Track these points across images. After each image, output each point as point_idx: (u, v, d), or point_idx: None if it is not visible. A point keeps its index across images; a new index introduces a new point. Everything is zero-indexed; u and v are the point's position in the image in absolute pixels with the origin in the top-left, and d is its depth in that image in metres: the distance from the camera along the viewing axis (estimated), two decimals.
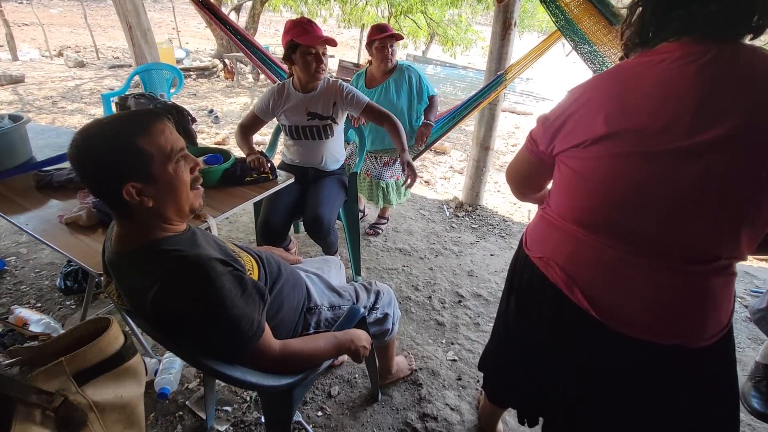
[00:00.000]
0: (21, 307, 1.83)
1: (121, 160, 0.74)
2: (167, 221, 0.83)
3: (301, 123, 1.78)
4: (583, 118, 0.70)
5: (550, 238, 0.85)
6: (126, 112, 0.78)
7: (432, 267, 2.30)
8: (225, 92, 6.95)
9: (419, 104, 2.24)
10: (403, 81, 2.16)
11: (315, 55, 1.62)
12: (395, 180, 2.34)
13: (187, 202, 0.85)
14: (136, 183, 0.75)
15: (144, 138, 0.76)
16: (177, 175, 0.80)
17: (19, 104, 5.52)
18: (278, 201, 1.77)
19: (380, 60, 2.11)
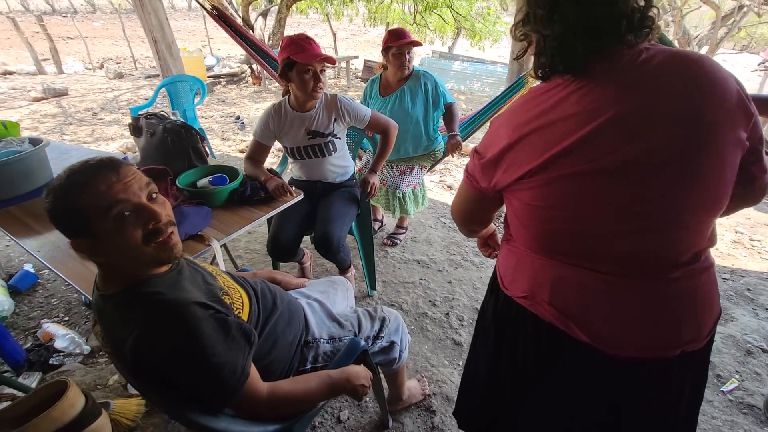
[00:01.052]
0: (49, 322, 1.90)
1: (63, 218, 0.73)
2: (141, 269, 0.79)
3: (302, 143, 1.73)
4: (520, 148, 0.68)
5: (524, 272, 0.78)
6: (79, 164, 0.74)
7: (451, 280, 2.20)
8: (252, 98, 7.09)
9: (435, 112, 2.15)
10: (419, 89, 2.08)
11: (313, 74, 1.57)
12: (412, 189, 2.26)
13: (148, 257, 0.77)
14: (79, 239, 0.73)
15: (80, 196, 0.71)
16: (120, 233, 0.73)
17: (62, 116, 5.86)
18: (288, 217, 1.74)
19: (397, 67, 2.03)
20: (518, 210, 0.75)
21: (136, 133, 1.66)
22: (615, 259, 0.68)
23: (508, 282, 0.82)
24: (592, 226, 0.67)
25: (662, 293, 0.68)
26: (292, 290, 1.28)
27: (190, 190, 1.44)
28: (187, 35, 15.74)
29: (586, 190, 0.65)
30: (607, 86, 0.62)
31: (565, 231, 0.70)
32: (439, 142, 2.25)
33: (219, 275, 0.96)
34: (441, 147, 2.25)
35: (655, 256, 0.66)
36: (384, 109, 2.13)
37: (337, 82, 8.40)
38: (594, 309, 0.70)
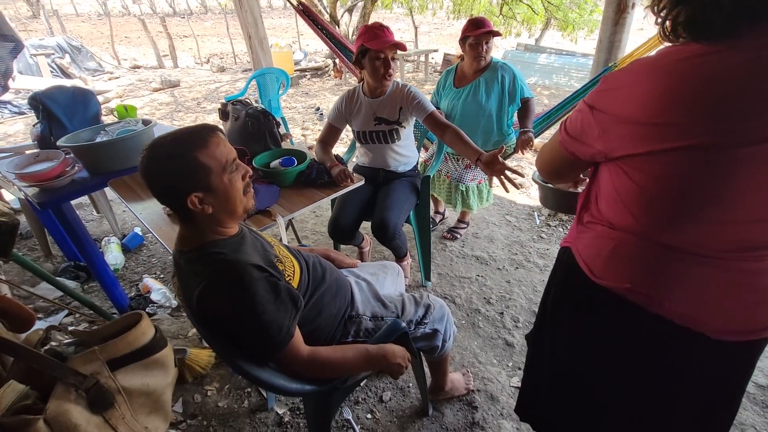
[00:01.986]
0: (149, 277, 2.24)
1: (184, 174, 0.83)
2: (222, 224, 0.92)
3: (368, 128, 1.80)
4: (683, 113, 0.57)
5: (627, 261, 0.72)
6: (185, 129, 0.87)
7: (510, 280, 2.12)
8: (333, 90, 7.42)
9: (511, 106, 2.06)
10: (495, 81, 2.01)
11: (383, 60, 1.62)
12: (477, 184, 2.21)
13: (241, 206, 0.93)
14: (198, 193, 0.84)
15: (202, 152, 0.84)
16: (231, 183, 0.88)
17: (173, 104, 6.72)
18: (349, 202, 1.82)
19: (473, 58, 1.98)
20: (631, 186, 0.66)
21: (223, 117, 1.86)
22: (738, 248, 0.64)
23: (600, 271, 0.75)
24: (742, 212, 0.60)
25: (754, 274, 0.66)
26: (344, 269, 1.35)
27: (264, 170, 1.58)
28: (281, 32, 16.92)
29: (733, 179, 0.57)
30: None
31: (703, 218, 0.62)
32: (511, 138, 2.16)
33: (276, 245, 1.05)
34: (512, 143, 2.16)
35: (760, 238, 0.63)
36: (456, 101, 2.10)
37: (415, 76, 8.41)
38: (714, 300, 0.68)
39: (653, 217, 0.66)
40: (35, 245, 2.57)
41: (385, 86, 1.71)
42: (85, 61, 9.35)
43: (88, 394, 0.59)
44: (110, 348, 0.67)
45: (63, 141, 1.73)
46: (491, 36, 1.92)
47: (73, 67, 8.55)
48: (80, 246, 1.78)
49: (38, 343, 0.69)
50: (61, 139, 1.74)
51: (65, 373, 0.59)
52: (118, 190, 1.66)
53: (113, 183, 1.70)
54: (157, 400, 0.72)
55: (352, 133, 1.89)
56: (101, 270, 1.88)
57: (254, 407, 1.51)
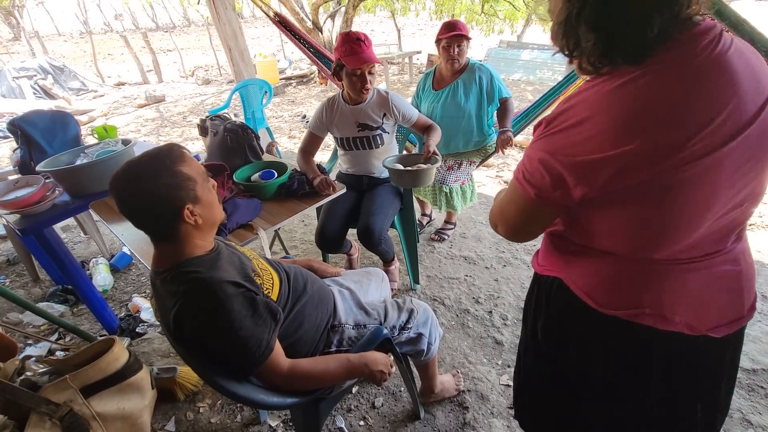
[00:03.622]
0: (138, 296, 2.23)
1: (176, 187, 0.86)
2: (202, 237, 0.93)
3: (351, 134, 1.81)
4: (644, 146, 0.56)
5: (634, 284, 0.70)
6: (154, 149, 0.88)
7: (498, 278, 2.14)
8: (319, 97, 7.43)
9: (490, 106, 2.09)
10: (473, 82, 2.03)
11: (360, 76, 1.64)
12: (460, 185, 2.23)
13: (219, 216, 0.98)
14: (190, 205, 0.87)
15: (183, 165, 0.88)
16: (212, 193, 0.94)
17: (159, 120, 6.70)
18: (334, 210, 1.84)
19: (445, 60, 2.02)
20: (623, 212, 0.64)
21: (203, 133, 1.87)
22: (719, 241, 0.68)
23: (606, 299, 0.72)
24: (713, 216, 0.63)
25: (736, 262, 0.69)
26: (327, 278, 1.36)
27: (244, 184, 1.59)
28: (265, 41, 16.94)
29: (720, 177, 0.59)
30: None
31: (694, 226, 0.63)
32: (492, 138, 2.19)
33: (255, 259, 1.06)
34: (493, 142, 2.19)
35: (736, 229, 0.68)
36: (436, 102, 2.12)
37: (401, 78, 8.45)
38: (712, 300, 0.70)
39: (650, 237, 0.65)
40: (23, 270, 2.56)
41: (363, 98, 1.74)
42: (68, 80, 9.30)
43: (63, 422, 0.60)
44: (82, 375, 0.68)
45: (42, 165, 1.73)
46: (463, 39, 1.94)
47: (56, 87, 8.50)
48: (65, 270, 1.78)
49: (14, 373, 0.70)
50: (41, 163, 1.74)
51: (38, 402, 0.60)
52: (99, 212, 1.66)
53: (94, 205, 1.70)
54: (134, 423, 0.73)
55: (335, 140, 1.90)
56: (88, 293, 1.87)
57: (247, 421, 1.51)
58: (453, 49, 1.96)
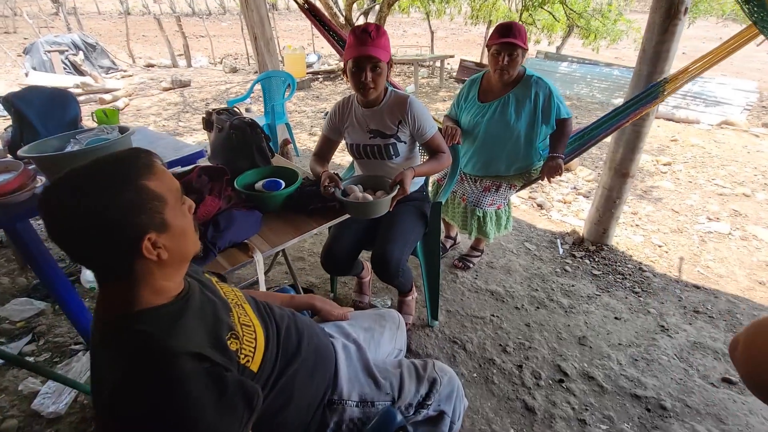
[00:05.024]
0: None
1: (136, 209, 0.61)
2: (167, 277, 0.69)
3: (362, 141, 1.55)
4: None
5: None
6: (109, 155, 0.63)
7: (530, 323, 1.84)
8: (344, 94, 7.17)
9: (544, 127, 1.77)
10: (527, 98, 1.72)
11: (357, 71, 1.37)
12: (495, 209, 1.94)
13: (194, 248, 0.74)
14: (152, 234, 0.63)
15: (152, 179, 0.64)
16: (186, 218, 0.70)
17: (182, 105, 6.59)
18: (346, 227, 1.57)
19: (493, 69, 1.72)
20: None
21: (208, 128, 1.64)
22: None
23: None
24: None
25: None
26: (331, 322, 1.10)
27: (247, 193, 1.34)
28: (297, 33, 16.87)
29: None
30: None
31: None
32: (537, 162, 1.89)
33: (237, 306, 0.81)
34: (538, 167, 1.89)
35: None
36: (480, 117, 1.81)
37: (430, 81, 8.16)
38: None
39: None
40: (13, 255, 2.39)
41: (368, 99, 1.46)
42: (99, 58, 9.35)
43: None
44: None
45: (25, 150, 1.52)
46: (515, 48, 1.63)
47: (86, 64, 8.53)
48: (38, 269, 1.57)
49: None
50: (24, 147, 1.53)
51: None
52: None
53: None
54: None
55: (347, 147, 1.64)
56: (65, 296, 1.66)
57: None
58: (503, 59, 1.66)
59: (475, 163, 1.90)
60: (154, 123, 5.60)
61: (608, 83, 7.32)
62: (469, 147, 1.89)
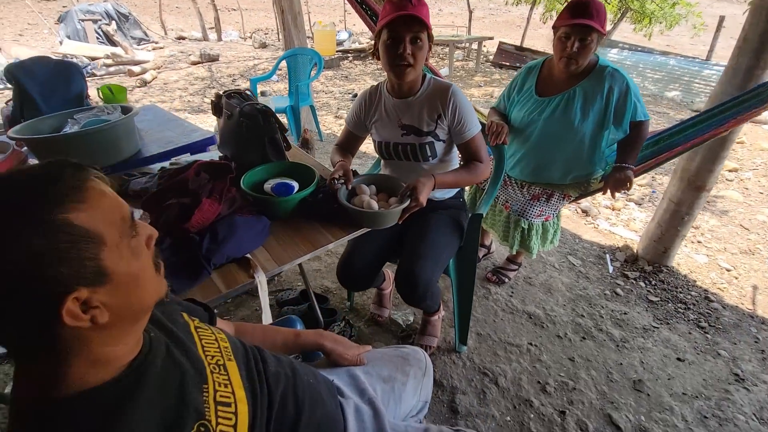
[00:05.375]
0: None
1: (53, 259, 0.40)
2: (114, 341, 0.49)
3: (392, 138, 1.31)
4: None
5: None
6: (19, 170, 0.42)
7: (574, 357, 1.58)
8: (374, 75, 6.89)
9: (615, 129, 1.46)
10: (599, 94, 1.40)
11: (395, 42, 1.11)
12: (543, 221, 1.67)
13: (154, 296, 0.53)
14: (81, 292, 0.42)
15: (78, 209, 0.42)
16: (138, 258, 0.49)
17: (208, 80, 6.46)
18: (368, 236, 1.35)
19: (558, 56, 1.41)
20: None
21: (216, 113, 1.43)
22: None
23: None
24: None
25: None
26: (343, 368, 0.89)
27: (253, 196, 1.13)
28: (329, 10, 16.44)
29: None
30: None
31: None
32: (599, 170, 1.59)
33: (217, 370, 0.60)
34: (599, 175, 1.59)
35: None
36: (537, 114, 1.51)
37: (465, 65, 7.71)
38: None
39: None
40: None
41: (405, 81, 1.19)
42: (132, 29, 9.33)
43: None
44: None
45: (16, 130, 1.36)
46: (591, 32, 1.31)
47: (118, 35, 8.51)
48: None
49: None
50: (15, 127, 1.37)
51: None
52: None
53: None
54: None
55: (374, 144, 1.40)
56: None
57: None
58: (572, 44, 1.34)
59: (525, 168, 1.62)
60: (179, 98, 5.49)
61: (662, 74, 6.67)
62: (519, 148, 1.60)
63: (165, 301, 0.60)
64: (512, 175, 1.70)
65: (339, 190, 1.15)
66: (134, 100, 5.35)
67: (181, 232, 1.01)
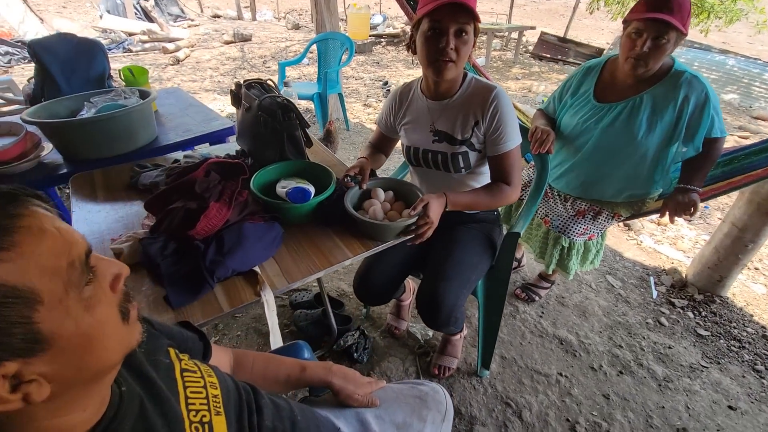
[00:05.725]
0: None
1: None
2: (65, 411, 0.40)
3: (422, 144, 1.17)
4: None
5: None
6: None
7: (609, 393, 1.43)
8: (407, 63, 6.66)
9: (684, 145, 1.25)
10: (671, 103, 1.19)
11: (437, 34, 0.96)
12: (586, 240, 1.50)
13: (119, 351, 0.42)
14: (8, 367, 0.32)
15: (11, 257, 0.33)
16: (92, 313, 0.38)
17: (239, 60, 6.41)
18: (390, 247, 1.23)
19: (624, 57, 1.20)
20: None
21: (235, 104, 1.33)
22: None
23: None
24: None
25: None
26: (351, 412, 0.78)
27: (264, 200, 1.02)
28: None
29: None
30: None
31: None
32: (658, 189, 1.39)
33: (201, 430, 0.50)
34: (657, 193, 1.40)
35: None
36: (593, 122, 1.32)
37: (502, 55, 7.35)
38: None
39: None
40: None
41: (444, 79, 1.04)
42: (168, 5, 9.39)
43: None
44: None
45: (30, 113, 1.30)
46: (669, 30, 1.10)
47: (155, 11, 8.57)
48: None
49: None
50: (28, 110, 1.32)
51: None
52: (80, 190, 1.21)
53: (78, 179, 1.25)
54: None
55: (402, 149, 1.27)
56: None
57: None
58: (643, 42, 1.13)
59: (572, 181, 1.44)
60: (210, 78, 5.47)
61: (719, 74, 6.16)
62: (567, 158, 1.42)
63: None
64: (556, 186, 1.52)
65: (349, 190, 1.05)
66: (166, 78, 5.37)
67: (185, 238, 0.92)
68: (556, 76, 5.97)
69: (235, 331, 1.64)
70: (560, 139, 1.41)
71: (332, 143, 2.41)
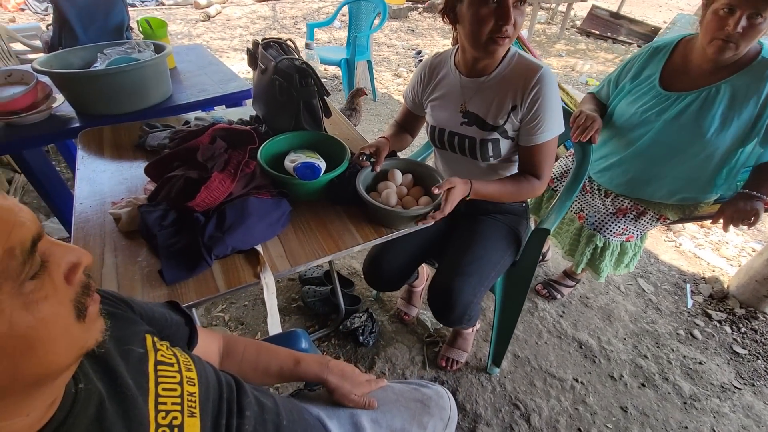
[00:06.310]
0: None
1: None
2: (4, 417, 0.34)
3: (449, 126, 1.04)
4: None
5: None
6: None
7: (628, 406, 1.33)
8: (443, 31, 6.31)
9: (762, 148, 1.06)
10: (754, 96, 0.99)
11: (498, 5, 0.82)
12: (623, 241, 1.36)
13: (72, 351, 0.36)
14: None
15: None
16: (42, 303, 0.32)
17: (270, 20, 6.23)
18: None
19: (707, 39, 0.99)
20: None
21: (252, 65, 1.23)
22: None
23: None
24: None
25: None
26: (345, 412, 0.72)
27: (270, 173, 0.94)
28: None
29: None
30: None
31: None
32: (717, 194, 1.21)
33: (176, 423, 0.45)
34: (712, 199, 1.23)
35: None
36: (654, 113, 1.12)
37: (547, 29, 6.84)
38: None
39: None
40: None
41: (491, 57, 0.91)
42: None
43: None
44: None
45: (42, 62, 1.25)
46: (766, 8, 0.89)
47: None
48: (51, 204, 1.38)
49: None
50: (40, 58, 1.26)
51: None
52: (87, 146, 1.16)
53: (87, 134, 1.20)
54: None
55: (426, 129, 1.15)
56: None
57: None
58: (736, 21, 0.92)
59: (617, 176, 1.27)
60: (239, 36, 5.35)
61: None
62: (616, 150, 1.25)
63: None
64: (598, 180, 1.36)
65: (363, 170, 0.95)
66: (195, 35, 5.28)
67: (185, 209, 0.86)
68: (604, 56, 5.52)
69: (243, 300, 1.62)
70: (610, 129, 1.25)
71: (356, 114, 2.29)
